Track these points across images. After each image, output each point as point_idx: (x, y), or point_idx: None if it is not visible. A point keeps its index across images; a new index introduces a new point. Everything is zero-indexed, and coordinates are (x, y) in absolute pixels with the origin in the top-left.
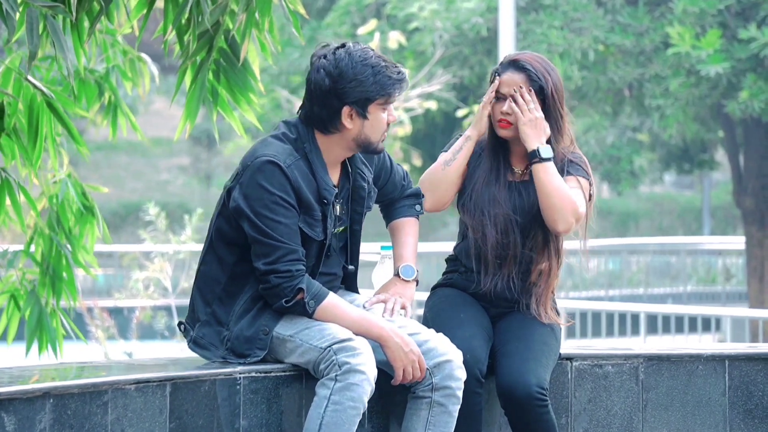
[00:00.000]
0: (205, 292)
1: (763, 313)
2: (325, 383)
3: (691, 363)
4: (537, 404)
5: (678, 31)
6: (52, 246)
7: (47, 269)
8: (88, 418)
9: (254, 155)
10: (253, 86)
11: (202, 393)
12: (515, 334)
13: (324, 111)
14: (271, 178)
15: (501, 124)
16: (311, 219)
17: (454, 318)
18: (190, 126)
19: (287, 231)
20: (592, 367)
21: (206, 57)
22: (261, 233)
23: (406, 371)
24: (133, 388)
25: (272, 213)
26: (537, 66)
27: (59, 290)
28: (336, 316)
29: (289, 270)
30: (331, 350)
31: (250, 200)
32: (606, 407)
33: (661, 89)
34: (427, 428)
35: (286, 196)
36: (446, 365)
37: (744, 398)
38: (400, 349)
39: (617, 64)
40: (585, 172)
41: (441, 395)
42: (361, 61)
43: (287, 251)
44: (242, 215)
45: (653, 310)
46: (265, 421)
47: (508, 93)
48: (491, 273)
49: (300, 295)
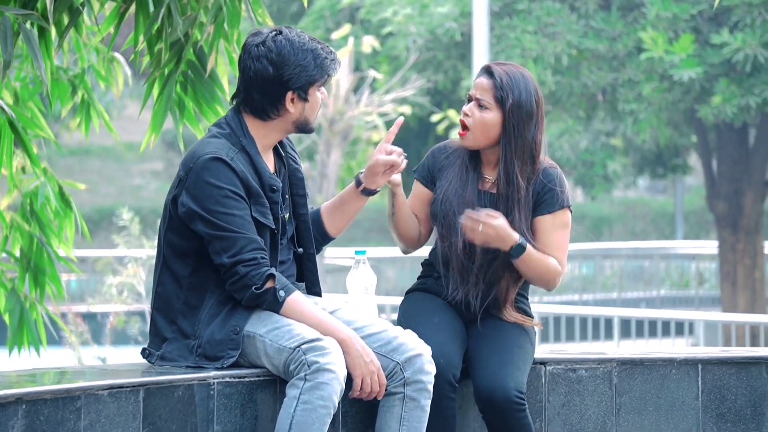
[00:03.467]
0: (167, 312)
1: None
2: (294, 383)
3: (664, 367)
4: (515, 408)
5: (651, 36)
6: (33, 242)
7: (28, 264)
8: (61, 423)
9: (195, 157)
10: (221, 98)
11: (175, 398)
12: (490, 339)
13: (266, 98)
14: (218, 173)
15: (461, 132)
16: (262, 207)
17: (428, 322)
18: (155, 138)
19: (243, 222)
20: (566, 372)
21: (174, 68)
22: (218, 228)
23: (365, 382)
24: (106, 394)
25: (225, 207)
26: (506, 79)
27: (42, 284)
28: (303, 313)
29: (254, 258)
30: (300, 350)
31: (200, 200)
32: (579, 411)
33: (635, 94)
34: (402, 424)
35: (235, 188)
36: (417, 359)
37: (717, 402)
38: (361, 358)
39: (591, 68)
40: (559, 198)
41: (413, 390)
42: (301, 46)
43: (248, 241)
44: (195, 217)
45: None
46: (239, 426)
47: (473, 95)
48: (459, 280)
49: (270, 283)
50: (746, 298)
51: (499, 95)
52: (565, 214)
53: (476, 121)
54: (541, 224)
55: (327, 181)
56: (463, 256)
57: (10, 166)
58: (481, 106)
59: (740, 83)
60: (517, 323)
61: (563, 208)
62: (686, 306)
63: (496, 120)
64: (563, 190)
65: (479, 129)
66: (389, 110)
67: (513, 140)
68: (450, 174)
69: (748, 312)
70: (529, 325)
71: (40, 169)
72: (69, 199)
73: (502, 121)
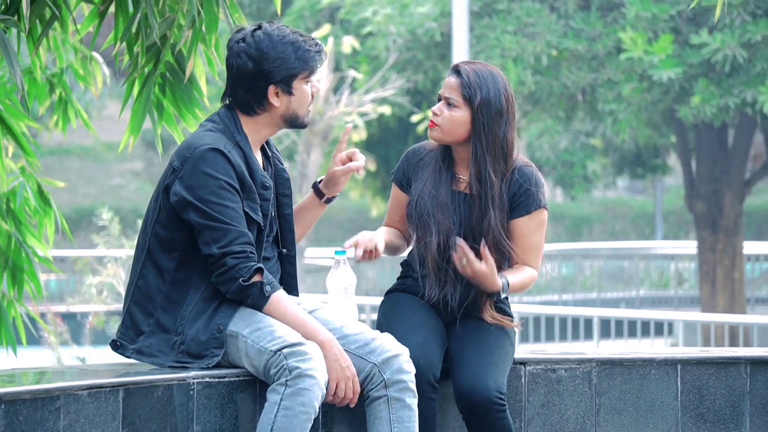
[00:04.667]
0: (145, 304)
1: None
2: (275, 389)
3: (643, 367)
4: (496, 409)
5: (630, 36)
6: (10, 240)
7: (6, 263)
8: (40, 423)
9: (191, 147)
10: (199, 100)
11: (155, 398)
12: (471, 339)
13: (249, 93)
14: (215, 164)
15: (430, 124)
16: (253, 203)
17: (407, 323)
18: (133, 139)
19: (236, 215)
20: (546, 372)
21: (153, 70)
22: (210, 218)
23: (339, 386)
24: (85, 394)
25: (219, 198)
26: (473, 78)
27: (21, 282)
28: (286, 312)
29: (244, 251)
30: (282, 354)
31: (194, 189)
32: (559, 411)
33: (614, 94)
34: (393, 427)
35: (231, 180)
36: (394, 360)
37: (696, 402)
38: (338, 362)
39: (570, 69)
40: (535, 198)
41: (396, 390)
42: (280, 39)
43: (239, 233)
44: (187, 206)
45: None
46: (219, 426)
47: (442, 95)
48: (435, 281)
49: (258, 277)
50: (725, 298)
51: (466, 93)
52: (541, 213)
53: (445, 120)
54: (518, 227)
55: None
56: (439, 257)
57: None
58: (449, 104)
59: (719, 83)
60: (499, 327)
61: (540, 208)
62: (665, 306)
63: (465, 118)
64: (539, 189)
65: (447, 126)
66: (369, 110)
67: (483, 137)
68: (424, 175)
69: (727, 312)
70: (508, 326)
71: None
72: (48, 197)
73: (471, 119)
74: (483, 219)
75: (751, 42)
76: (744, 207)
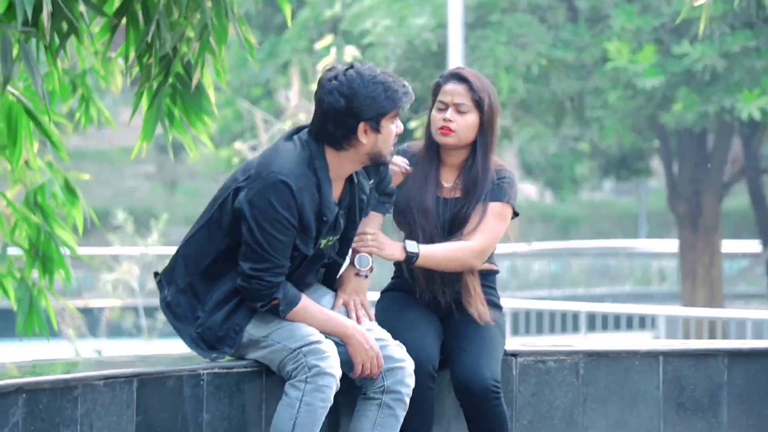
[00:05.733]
0: (189, 261)
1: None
2: (295, 385)
3: (627, 359)
4: (492, 396)
5: (616, 47)
6: (40, 233)
7: (36, 254)
8: (59, 412)
9: (270, 168)
10: (208, 109)
11: (167, 388)
12: (465, 332)
13: (339, 130)
14: (281, 198)
15: (442, 131)
16: (307, 237)
17: (405, 319)
18: (146, 147)
19: (282, 247)
20: (536, 363)
21: (163, 81)
22: (257, 243)
23: (365, 366)
24: (101, 384)
25: (273, 229)
26: (477, 82)
27: (51, 270)
28: (305, 319)
29: (271, 281)
30: (301, 352)
31: (255, 209)
32: (548, 401)
33: (601, 101)
34: (375, 428)
35: (290, 217)
36: (399, 371)
37: (677, 392)
38: (362, 346)
39: (559, 77)
40: (506, 193)
41: (391, 398)
42: (371, 79)
43: (276, 265)
44: (244, 219)
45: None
46: (227, 414)
47: (450, 102)
48: (424, 283)
49: (275, 302)
50: (705, 293)
51: (476, 98)
52: (506, 207)
53: (460, 126)
54: (478, 209)
55: None
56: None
57: (32, 150)
58: (459, 111)
59: (700, 91)
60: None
61: (506, 203)
62: (648, 301)
63: (476, 122)
64: (511, 188)
65: (464, 132)
66: None
67: (488, 138)
68: (409, 180)
69: (707, 307)
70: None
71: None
72: (75, 190)
73: (480, 121)
74: (465, 221)
75: (729, 52)
76: (722, 208)
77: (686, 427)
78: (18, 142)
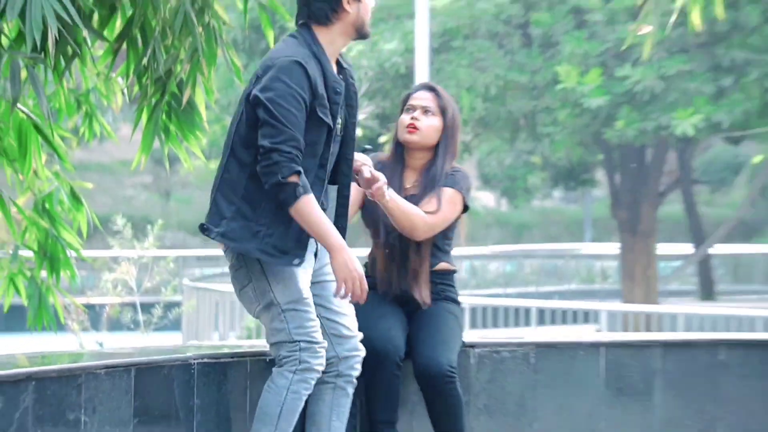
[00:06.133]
0: (228, 193)
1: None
2: (284, 374)
3: (573, 349)
4: (448, 380)
5: (565, 70)
6: (48, 236)
7: (45, 255)
8: (65, 398)
9: (274, 58)
10: (199, 125)
11: (161, 376)
12: (426, 323)
13: (326, 3)
14: (291, 74)
15: (408, 129)
16: (323, 108)
17: (375, 314)
18: (144, 159)
19: (296, 121)
20: (491, 353)
21: (159, 99)
22: (272, 117)
23: (347, 284)
24: (103, 373)
25: (286, 102)
26: (443, 93)
27: (57, 269)
28: (311, 214)
29: (290, 152)
30: (298, 346)
31: (267, 91)
32: (502, 387)
33: (551, 119)
34: (333, 409)
35: (302, 92)
36: (353, 359)
37: (616, 379)
38: (345, 265)
39: (514, 97)
40: (458, 182)
41: (344, 381)
42: None
43: (292, 137)
44: (259, 103)
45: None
46: (215, 399)
47: (418, 105)
48: (386, 277)
49: (294, 178)
50: (642, 291)
51: (441, 105)
52: (456, 195)
53: (425, 126)
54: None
55: None
56: (386, 255)
57: (40, 163)
58: (427, 112)
59: (639, 110)
60: (451, 313)
61: (458, 192)
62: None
63: (440, 125)
64: (465, 182)
65: (426, 131)
66: None
67: (449, 143)
68: None
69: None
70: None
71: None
72: (79, 197)
73: (443, 127)
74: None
75: (666, 75)
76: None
77: (624, 410)
78: (27, 155)
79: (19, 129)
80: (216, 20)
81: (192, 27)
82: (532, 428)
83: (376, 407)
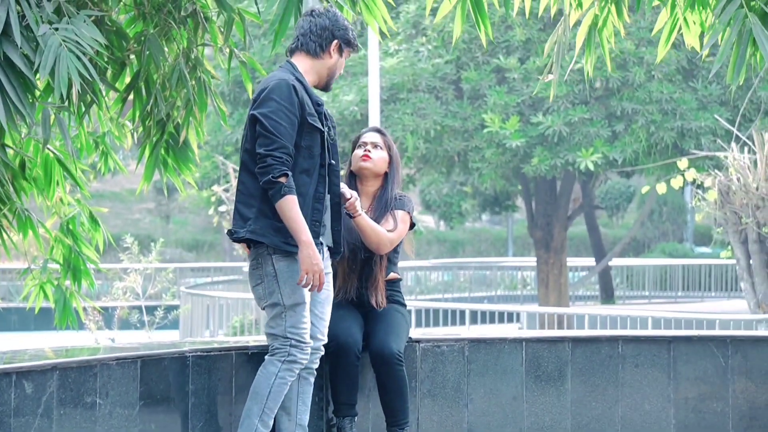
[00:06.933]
0: (246, 200)
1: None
2: (274, 363)
3: (499, 344)
4: (396, 362)
5: (490, 117)
6: (71, 251)
7: (69, 266)
8: (83, 384)
9: (266, 83)
10: (193, 160)
11: (162, 366)
12: (380, 320)
13: (319, 39)
14: (281, 93)
15: (363, 158)
16: (313, 117)
17: (336, 314)
18: (147, 187)
19: (286, 132)
20: (433, 347)
21: (160, 138)
22: (266, 129)
23: (308, 275)
24: (114, 364)
25: (278, 117)
26: (387, 135)
27: (79, 278)
28: (290, 210)
29: (281, 157)
30: (290, 342)
31: (261, 108)
32: (442, 375)
33: (479, 156)
34: (299, 396)
35: (290, 107)
36: (315, 354)
37: (535, 368)
38: (309, 259)
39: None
40: (406, 205)
41: (306, 372)
42: (343, 20)
43: (283, 145)
44: (256, 121)
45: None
46: (207, 386)
47: (369, 142)
48: (346, 282)
49: (283, 178)
50: (555, 296)
51: (387, 142)
52: (406, 215)
53: (376, 157)
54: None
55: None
56: (347, 267)
57: (64, 191)
58: (376, 146)
59: (551, 149)
60: (399, 312)
61: (405, 212)
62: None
63: (387, 159)
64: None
65: (378, 161)
66: None
67: (395, 174)
68: None
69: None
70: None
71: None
72: (97, 219)
73: (389, 160)
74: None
75: (571, 121)
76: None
77: (541, 393)
78: (53, 185)
79: (45, 163)
80: (206, 75)
81: (186, 81)
82: (467, 409)
83: (339, 391)
